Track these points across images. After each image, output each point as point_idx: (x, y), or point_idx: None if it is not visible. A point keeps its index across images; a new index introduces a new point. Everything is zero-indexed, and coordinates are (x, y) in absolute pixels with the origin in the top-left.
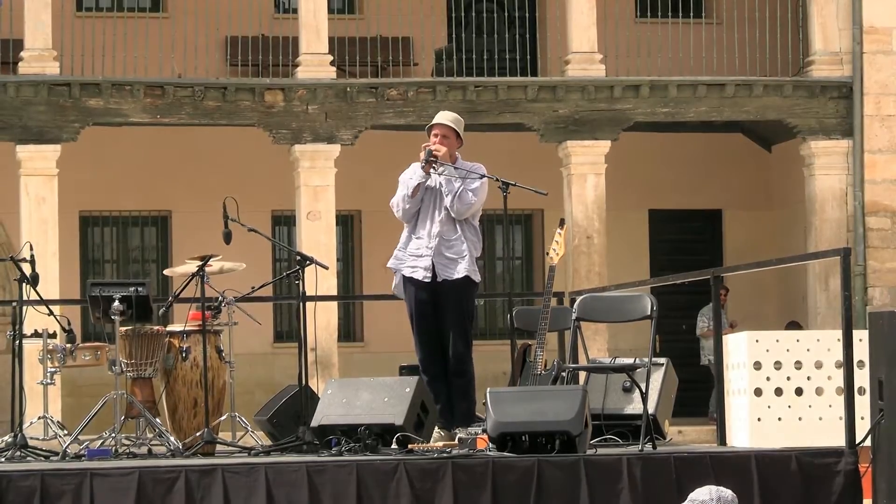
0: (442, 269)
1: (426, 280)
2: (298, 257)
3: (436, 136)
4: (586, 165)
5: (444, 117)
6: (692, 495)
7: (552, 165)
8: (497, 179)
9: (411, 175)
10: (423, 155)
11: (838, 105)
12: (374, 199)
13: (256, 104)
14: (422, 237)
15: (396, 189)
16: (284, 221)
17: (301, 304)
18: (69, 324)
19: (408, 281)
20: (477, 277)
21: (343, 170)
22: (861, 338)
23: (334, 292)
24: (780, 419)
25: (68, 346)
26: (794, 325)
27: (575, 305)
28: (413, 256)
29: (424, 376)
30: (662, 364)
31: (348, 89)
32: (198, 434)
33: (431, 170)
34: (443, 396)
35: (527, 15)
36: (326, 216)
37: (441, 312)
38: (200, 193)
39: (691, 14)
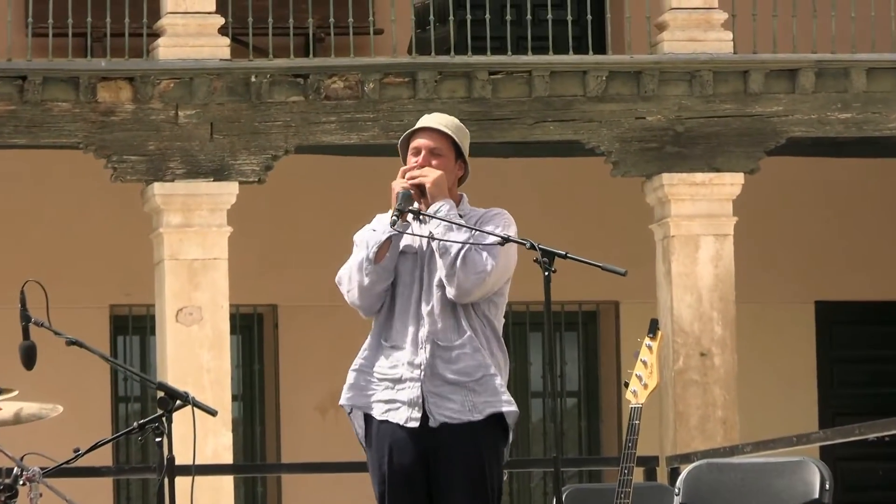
0: (439, 405)
1: (412, 426)
2: (163, 393)
3: (417, 152)
4: (700, 220)
5: (436, 120)
6: None
7: (635, 218)
8: (533, 247)
9: (377, 231)
10: (395, 197)
11: None
12: (301, 285)
13: (82, 107)
14: (401, 345)
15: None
16: (135, 326)
17: (166, 480)
18: None
19: (378, 427)
20: (509, 413)
21: (245, 228)
22: None
23: (229, 458)
24: None
25: None
26: None
27: (679, 481)
28: (387, 381)
29: None
30: None
31: (254, 79)
32: None
33: (413, 217)
34: None
35: None
36: (214, 316)
37: (439, 485)
38: None
39: None
